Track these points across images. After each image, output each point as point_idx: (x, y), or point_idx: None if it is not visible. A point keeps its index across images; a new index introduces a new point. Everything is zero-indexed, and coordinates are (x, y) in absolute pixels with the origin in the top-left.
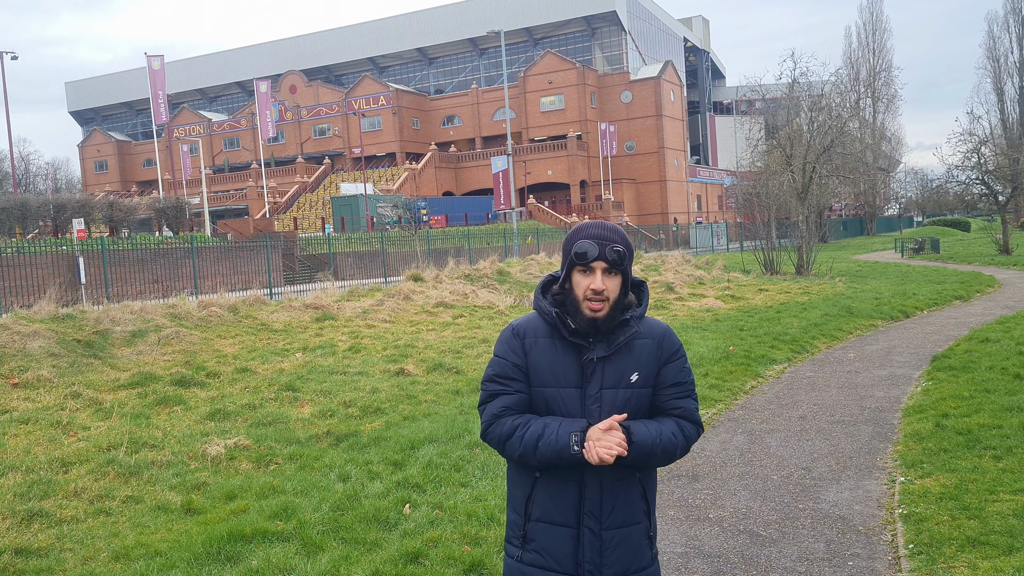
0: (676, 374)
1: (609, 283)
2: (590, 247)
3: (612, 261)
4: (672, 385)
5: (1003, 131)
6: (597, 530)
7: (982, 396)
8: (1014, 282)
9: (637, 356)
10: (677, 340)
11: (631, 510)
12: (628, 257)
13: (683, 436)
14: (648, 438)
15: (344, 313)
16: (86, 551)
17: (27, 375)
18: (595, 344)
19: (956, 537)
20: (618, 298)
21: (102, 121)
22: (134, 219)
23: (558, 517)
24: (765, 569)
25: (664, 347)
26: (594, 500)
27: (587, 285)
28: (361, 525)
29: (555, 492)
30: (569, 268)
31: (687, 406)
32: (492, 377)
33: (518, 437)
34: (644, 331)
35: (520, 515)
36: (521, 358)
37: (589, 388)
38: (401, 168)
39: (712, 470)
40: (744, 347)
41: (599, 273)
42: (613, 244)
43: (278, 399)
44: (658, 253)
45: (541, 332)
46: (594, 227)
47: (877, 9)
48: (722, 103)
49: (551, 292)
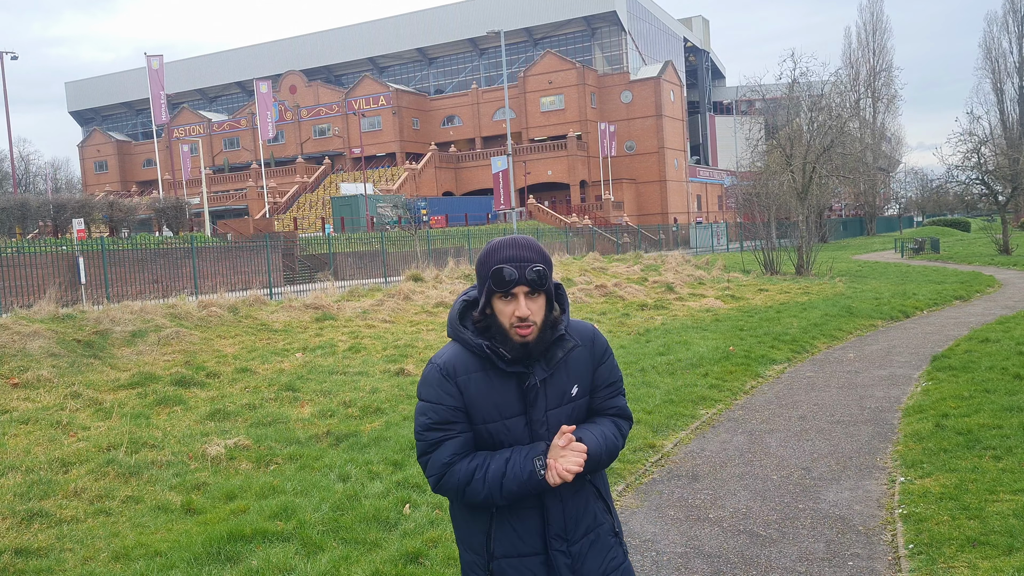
0: (609, 374)
1: (533, 306)
2: (509, 272)
3: (533, 283)
4: (607, 386)
5: (1003, 131)
6: (566, 549)
7: (982, 396)
8: (1014, 282)
9: (574, 367)
10: (604, 339)
11: (592, 515)
12: (549, 272)
13: (621, 435)
14: (597, 446)
15: (344, 313)
16: (86, 551)
17: (27, 375)
18: (534, 368)
19: (956, 537)
20: (545, 318)
21: (102, 121)
22: (134, 219)
23: (525, 548)
24: (765, 569)
25: (595, 350)
26: (559, 522)
27: (511, 312)
28: (361, 525)
29: (516, 524)
30: (488, 295)
31: (620, 403)
32: (430, 426)
33: (479, 480)
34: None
35: (481, 555)
36: (458, 399)
37: (534, 413)
38: (401, 168)
39: (712, 470)
40: (744, 347)
41: (522, 299)
42: (532, 265)
43: (278, 399)
44: (658, 253)
45: (472, 366)
46: (508, 248)
47: (877, 9)
48: (722, 103)
49: (471, 319)
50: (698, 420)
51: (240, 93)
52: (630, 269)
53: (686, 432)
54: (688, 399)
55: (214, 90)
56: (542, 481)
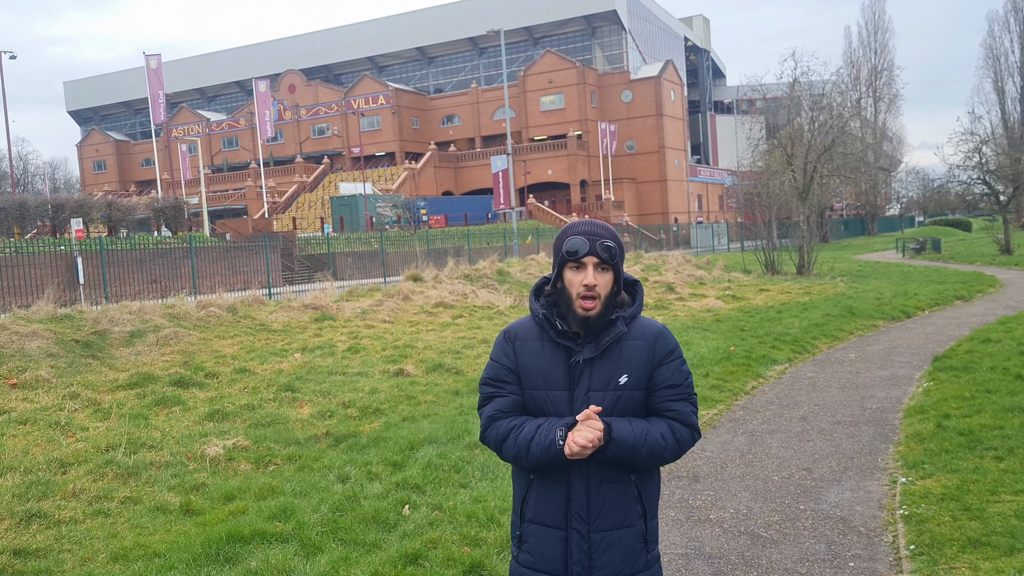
0: (671, 376)
1: (600, 279)
2: (580, 243)
3: (603, 256)
4: (666, 387)
5: (1004, 131)
6: (585, 532)
7: (983, 397)
8: (1015, 282)
9: (627, 358)
10: (672, 341)
11: (623, 512)
12: (619, 253)
13: (674, 439)
14: (630, 436)
15: (343, 313)
16: (85, 552)
17: (25, 375)
18: (583, 346)
19: (957, 538)
20: (609, 295)
21: (100, 121)
22: (132, 219)
23: (548, 519)
24: (766, 570)
25: (657, 349)
26: (580, 502)
27: (579, 282)
28: (360, 526)
29: (545, 494)
30: (561, 266)
31: (682, 409)
32: (487, 380)
33: (512, 439)
34: (636, 332)
35: (517, 515)
36: (512, 361)
37: (576, 390)
38: (400, 168)
39: (713, 471)
40: (745, 347)
41: (590, 269)
42: (603, 240)
43: (277, 400)
44: (658, 253)
45: (531, 335)
46: (584, 224)
47: (879, 8)
48: (723, 102)
49: (544, 294)
50: (699, 420)
51: (239, 92)
52: (630, 269)
53: None
54: None
55: (213, 89)
56: (560, 451)
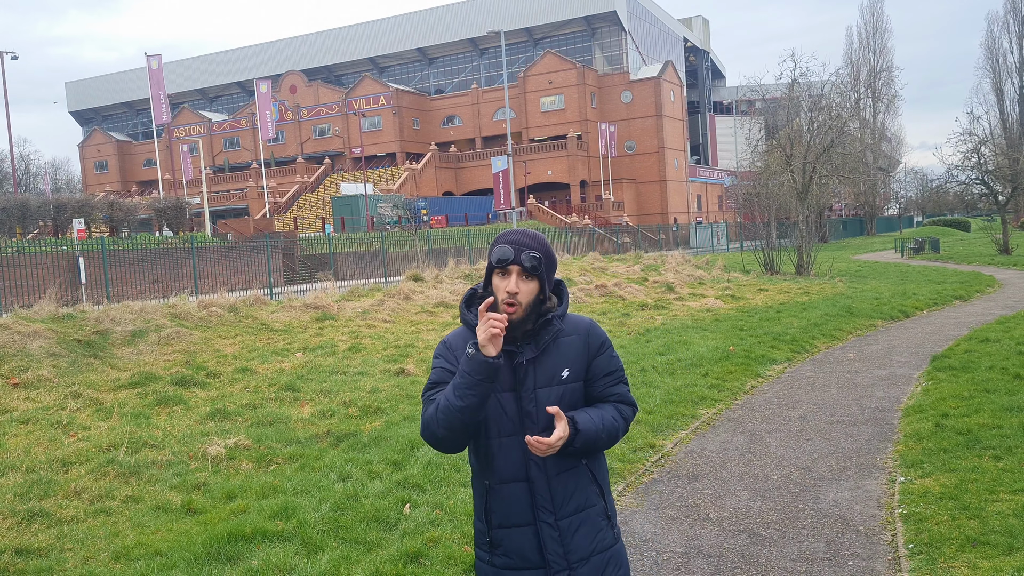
0: (606, 364)
1: (523, 287)
2: (507, 251)
3: (527, 266)
4: (605, 375)
5: (1003, 131)
6: (553, 521)
7: (982, 396)
8: (1014, 282)
9: (565, 353)
10: (602, 333)
11: (584, 495)
12: (546, 263)
13: (623, 418)
14: (592, 425)
15: (344, 313)
16: (86, 551)
17: (27, 375)
18: (523, 347)
19: (956, 537)
20: (532, 303)
21: (102, 121)
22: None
23: (516, 519)
24: (765, 569)
25: (591, 342)
26: (543, 494)
27: (503, 287)
28: (361, 525)
29: (507, 496)
30: (489, 273)
31: (621, 391)
32: (428, 386)
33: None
34: (569, 328)
35: (484, 523)
36: (453, 364)
37: (523, 389)
38: (401, 168)
39: (712, 470)
40: (744, 347)
41: (514, 276)
42: (529, 250)
43: (278, 399)
44: (658, 253)
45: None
46: (514, 234)
47: (878, 9)
48: (722, 103)
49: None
50: (698, 420)
51: (240, 93)
52: (630, 269)
53: (686, 432)
54: (688, 399)
55: (214, 90)
56: (474, 355)
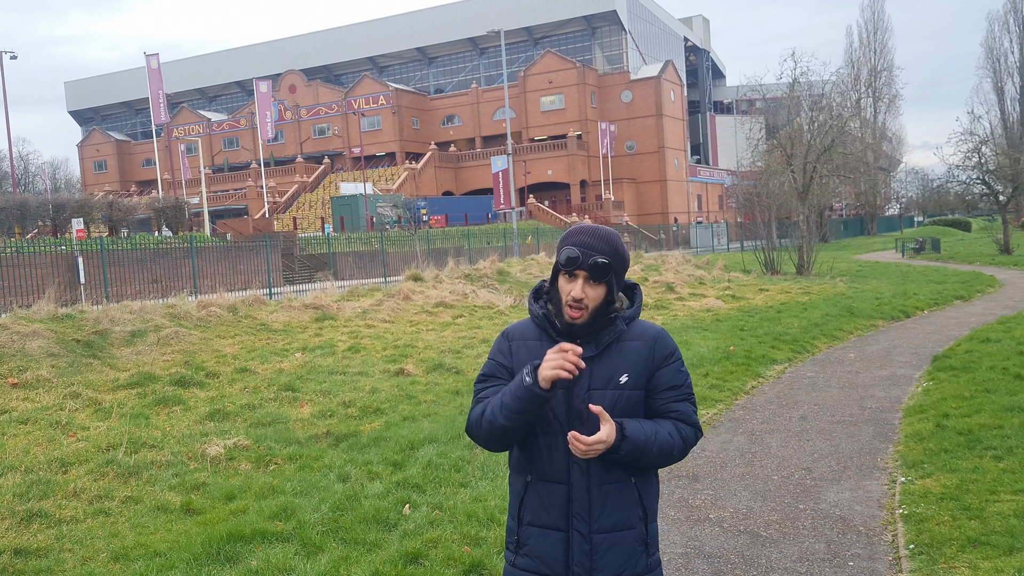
0: (672, 377)
1: (590, 292)
2: (573, 255)
3: (593, 272)
4: (668, 388)
5: (1003, 131)
6: (586, 533)
7: (983, 396)
8: (1015, 282)
9: (627, 357)
10: (672, 343)
11: (624, 514)
12: (615, 268)
13: (680, 438)
14: (641, 434)
15: (344, 313)
16: (85, 551)
17: (26, 375)
18: (583, 344)
19: (957, 537)
20: (599, 307)
21: (101, 121)
22: (133, 219)
23: (547, 520)
24: (766, 569)
25: (657, 350)
26: (582, 502)
27: (568, 291)
28: (361, 525)
29: (544, 495)
30: (555, 271)
31: (684, 409)
32: (480, 378)
33: (483, 409)
34: (635, 333)
35: (515, 519)
36: (507, 357)
37: (576, 388)
38: (401, 168)
39: (713, 470)
40: (745, 347)
41: (580, 281)
42: (597, 256)
43: (277, 399)
44: (658, 253)
45: (530, 334)
46: (584, 234)
47: (879, 9)
48: (722, 103)
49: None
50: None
51: (240, 93)
52: (630, 270)
53: None
54: None
55: (213, 90)
56: (530, 387)
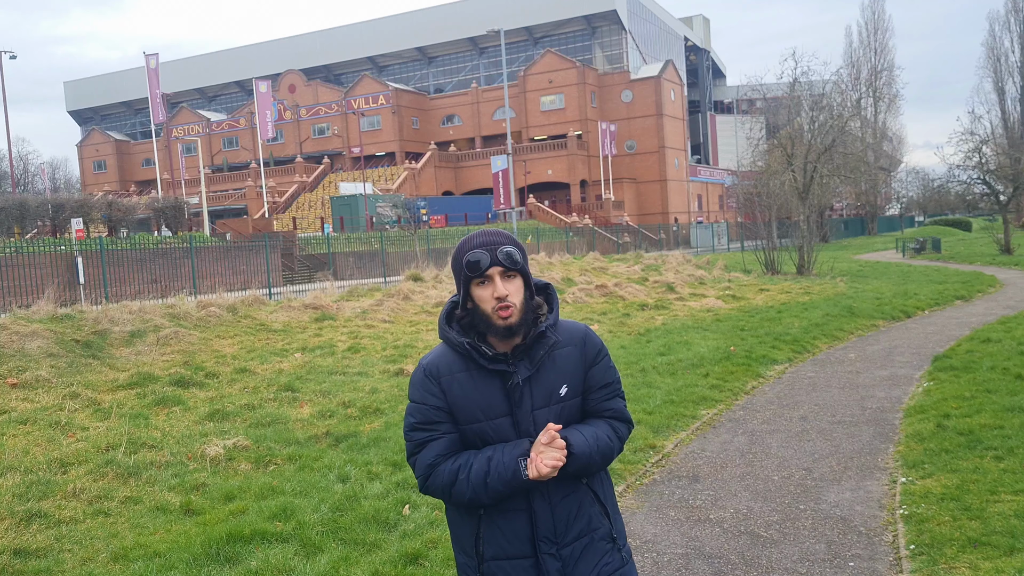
0: (603, 375)
1: (511, 287)
2: (481, 255)
3: (507, 264)
4: (601, 387)
5: (1004, 131)
6: (555, 552)
7: (984, 396)
8: (1015, 282)
9: (562, 367)
10: (598, 340)
11: (587, 518)
12: (522, 256)
13: (617, 437)
14: (586, 446)
15: (343, 313)
16: (85, 552)
17: (25, 375)
18: (517, 366)
19: (957, 538)
20: (524, 300)
21: (101, 120)
22: (133, 219)
23: (512, 551)
24: (766, 570)
25: (587, 351)
26: (547, 524)
27: (490, 295)
28: (360, 526)
29: (505, 526)
30: (466, 284)
31: (616, 406)
32: (415, 426)
33: (463, 481)
34: (564, 338)
35: (472, 556)
36: (441, 399)
37: (520, 413)
38: (400, 167)
39: (713, 471)
40: (745, 347)
41: (498, 279)
42: (503, 246)
43: (277, 399)
44: (659, 253)
45: (456, 366)
46: (479, 237)
47: (879, 8)
48: (723, 102)
49: (456, 318)
50: (699, 420)
51: (239, 92)
52: (631, 269)
53: (687, 433)
54: (689, 399)
55: (213, 89)
56: (527, 480)
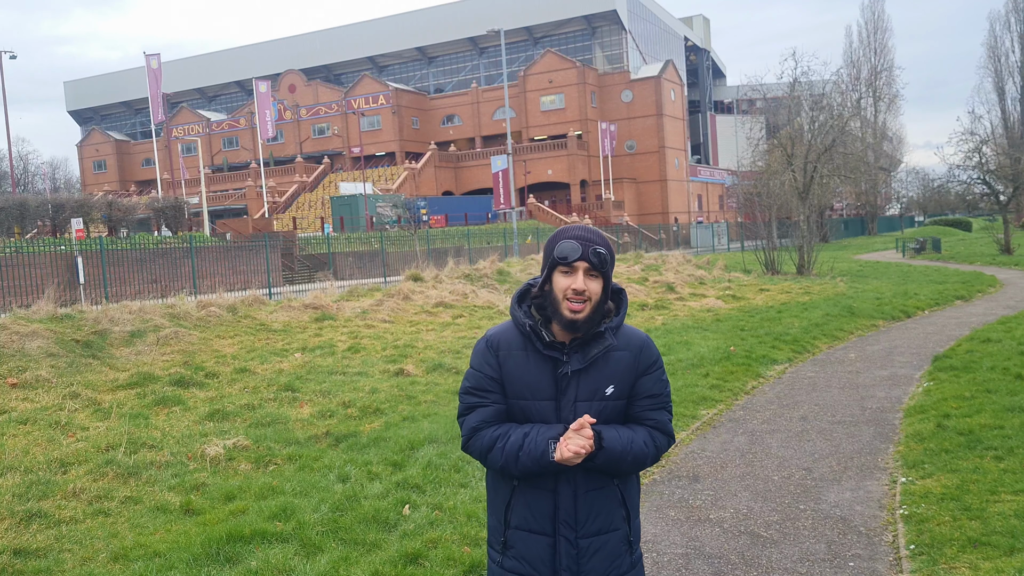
0: (652, 386)
1: (591, 285)
2: (573, 248)
3: (594, 263)
4: (648, 397)
5: (1004, 131)
6: (573, 539)
7: (984, 396)
8: (1015, 282)
9: (613, 368)
10: (655, 352)
11: (609, 517)
12: (610, 261)
13: (654, 446)
14: (619, 444)
15: (343, 313)
16: (85, 552)
17: (26, 375)
18: (570, 356)
19: (957, 538)
20: (599, 301)
21: (101, 120)
22: (133, 219)
23: (535, 525)
24: (766, 570)
25: (642, 359)
26: (568, 509)
27: (568, 285)
28: (360, 526)
29: (531, 501)
30: (551, 269)
31: (660, 418)
32: (469, 390)
33: (499, 449)
34: (621, 343)
35: (500, 521)
36: (496, 370)
37: (563, 401)
38: (401, 167)
39: (713, 471)
40: (745, 347)
41: (581, 274)
42: (596, 246)
43: (277, 399)
44: (659, 253)
45: (515, 344)
46: (578, 229)
47: (879, 8)
48: (723, 102)
49: (529, 297)
50: (699, 420)
51: (239, 92)
52: (631, 269)
53: (687, 432)
54: (689, 399)
55: (213, 89)
56: (553, 462)
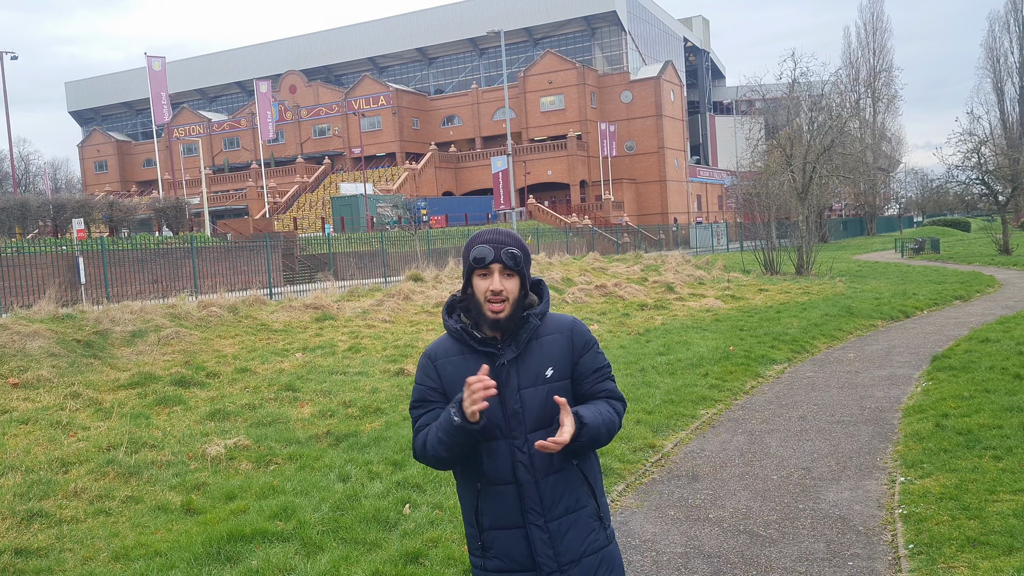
0: (593, 361)
1: (507, 284)
2: (486, 251)
3: (508, 263)
4: (593, 372)
5: (1003, 131)
6: (543, 523)
7: (982, 396)
8: (1014, 282)
9: (548, 351)
10: (586, 330)
11: (574, 495)
12: (524, 259)
13: (616, 413)
14: (596, 418)
15: (344, 313)
16: (86, 551)
17: (27, 375)
18: (504, 348)
19: (956, 537)
20: (518, 298)
21: (102, 121)
22: (134, 219)
23: (506, 520)
24: (765, 569)
25: (575, 340)
26: (532, 497)
27: (486, 287)
28: (361, 525)
29: (497, 498)
30: (469, 274)
31: (610, 386)
32: (413, 404)
33: (422, 437)
34: (551, 327)
35: (474, 526)
36: (436, 380)
37: (506, 391)
38: (401, 168)
39: (712, 470)
40: (744, 347)
41: (496, 275)
42: (508, 247)
43: (278, 399)
44: (658, 253)
45: (452, 350)
46: (490, 233)
47: (877, 9)
48: (722, 103)
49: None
50: (698, 420)
51: (240, 93)
52: (630, 269)
53: (686, 432)
54: (688, 399)
55: (214, 90)
56: (460, 425)
